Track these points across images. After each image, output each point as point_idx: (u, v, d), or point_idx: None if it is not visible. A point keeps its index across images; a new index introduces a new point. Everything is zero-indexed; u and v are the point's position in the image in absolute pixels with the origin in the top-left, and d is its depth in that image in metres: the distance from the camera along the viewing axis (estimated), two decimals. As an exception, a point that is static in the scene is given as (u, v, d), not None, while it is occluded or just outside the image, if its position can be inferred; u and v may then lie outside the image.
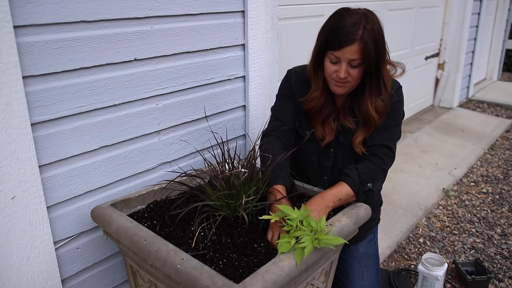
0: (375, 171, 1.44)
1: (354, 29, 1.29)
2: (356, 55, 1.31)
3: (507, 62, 6.97)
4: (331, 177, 1.58)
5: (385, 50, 1.38)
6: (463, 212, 2.81)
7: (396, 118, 1.50)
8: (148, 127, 1.55)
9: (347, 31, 1.30)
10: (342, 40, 1.30)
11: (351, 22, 1.30)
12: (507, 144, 4.04)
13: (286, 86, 1.60)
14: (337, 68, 1.36)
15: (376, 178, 1.44)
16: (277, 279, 1.00)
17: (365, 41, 1.29)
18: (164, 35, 1.50)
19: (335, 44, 1.32)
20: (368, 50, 1.30)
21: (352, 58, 1.32)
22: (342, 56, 1.33)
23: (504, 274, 2.19)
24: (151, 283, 1.24)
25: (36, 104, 1.22)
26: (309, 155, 1.59)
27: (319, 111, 1.49)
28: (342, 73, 1.34)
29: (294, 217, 1.15)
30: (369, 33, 1.30)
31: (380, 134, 1.48)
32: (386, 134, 1.49)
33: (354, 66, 1.34)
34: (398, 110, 1.51)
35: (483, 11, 5.01)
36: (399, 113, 1.52)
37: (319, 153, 1.57)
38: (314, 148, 1.56)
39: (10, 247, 1.21)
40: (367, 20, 1.32)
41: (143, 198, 1.44)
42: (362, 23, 1.30)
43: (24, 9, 1.14)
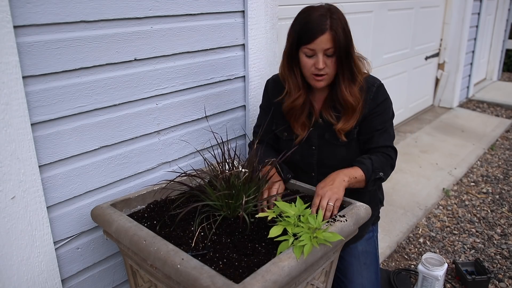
0: (385, 164, 1.51)
1: (322, 20, 1.36)
2: (329, 43, 1.37)
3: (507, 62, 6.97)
4: (319, 173, 1.61)
5: (352, 39, 1.44)
6: (463, 212, 2.81)
7: (389, 117, 1.56)
8: (148, 127, 1.55)
9: (317, 23, 1.36)
10: (313, 32, 1.36)
11: (318, 15, 1.37)
12: (507, 144, 4.04)
13: (264, 97, 1.70)
14: (314, 61, 1.41)
15: (386, 170, 1.51)
16: (277, 279, 1.00)
17: (335, 29, 1.36)
18: (164, 35, 1.50)
19: (308, 37, 1.38)
20: (338, 37, 1.36)
21: (326, 47, 1.37)
22: (316, 47, 1.38)
23: (504, 274, 2.19)
24: (151, 283, 1.24)
25: (36, 104, 1.22)
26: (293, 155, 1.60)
27: (295, 112, 1.53)
28: (320, 63, 1.39)
29: (291, 213, 1.16)
30: (336, 22, 1.37)
31: (382, 136, 1.53)
32: (386, 135, 1.55)
33: (329, 55, 1.39)
34: (389, 108, 1.55)
35: (483, 11, 5.01)
36: (390, 110, 1.57)
37: (301, 152, 1.60)
38: (299, 148, 1.59)
39: (10, 247, 1.21)
40: (331, 11, 1.39)
41: (143, 198, 1.44)
42: (328, 14, 1.37)
43: (24, 9, 1.14)
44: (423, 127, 4.29)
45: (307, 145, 1.59)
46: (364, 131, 1.54)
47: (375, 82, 1.53)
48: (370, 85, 1.51)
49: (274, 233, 1.12)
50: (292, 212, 1.16)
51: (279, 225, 1.14)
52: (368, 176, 1.45)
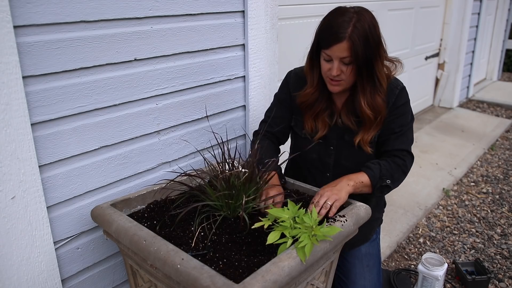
0: (396, 170, 1.47)
1: (343, 28, 1.31)
2: (346, 53, 1.33)
3: (507, 62, 6.97)
4: (334, 173, 1.59)
5: (380, 47, 1.39)
6: (463, 212, 2.81)
7: (408, 120, 1.52)
8: (148, 127, 1.55)
9: (336, 30, 1.32)
10: (330, 39, 1.33)
11: (341, 21, 1.33)
12: (507, 144, 4.04)
13: (283, 89, 1.65)
14: (330, 66, 1.39)
15: (396, 177, 1.47)
16: (277, 279, 1.00)
17: (353, 39, 1.31)
18: (164, 35, 1.50)
19: (326, 43, 1.36)
20: (356, 47, 1.31)
21: (342, 56, 1.34)
22: (332, 54, 1.35)
23: (504, 274, 2.19)
24: (151, 283, 1.24)
25: (36, 104, 1.22)
26: (309, 153, 1.60)
27: (310, 106, 1.52)
28: (334, 71, 1.37)
29: (286, 217, 1.15)
30: (358, 31, 1.31)
31: (398, 139, 1.50)
32: (404, 138, 1.51)
33: (346, 63, 1.36)
34: (409, 112, 1.52)
35: (483, 11, 5.01)
36: (410, 114, 1.53)
37: (319, 151, 1.58)
38: (314, 147, 1.57)
39: (10, 247, 1.21)
40: (358, 18, 1.33)
41: (143, 198, 1.44)
42: (352, 21, 1.32)
43: (24, 9, 1.14)
44: (423, 127, 4.29)
45: (325, 145, 1.57)
46: (381, 133, 1.51)
47: (398, 85, 1.49)
48: (393, 88, 1.48)
49: (272, 239, 1.11)
50: (286, 216, 1.16)
51: (276, 230, 1.13)
52: (374, 183, 1.42)
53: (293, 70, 1.65)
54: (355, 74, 1.39)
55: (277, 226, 1.15)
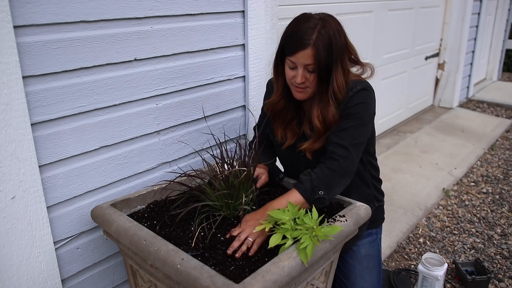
0: (330, 177, 1.34)
1: (308, 34, 1.29)
2: (310, 60, 1.30)
3: (507, 62, 6.97)
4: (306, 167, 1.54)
5: (343, 54, 1.34)
6: (463, 212, 2.81)
7: (356, 119, 1.39)
8: (148, 127, 1.55)
9: (300, 36, 1.30)
10: (295, 45, 1.30)
11: (305, 27, 1.30)
12: (507, 144, 4.04)
13: (264, 98, 1.66)
14: (294, 74, 1.35)
15: (332, 184, 1.34)
16: (277, 279, 1.00)
17: (318, 45, 1.28)
18: (164, 35, 1.50)
19: (290, 50, 1.33)
20: (319, 55, 1.28)
21: (306, 63, 1.31)
22: (297, 61, 1.32)
23: (504, 274, 2.19)
24: (151, 283, 1.24)
25: (36, 104, 1.22)
26: (284, 160, 1.63)
27: (278, 115, 1.50)
28: (299, 78, 1.33)
29: (286, 219, 1.15)
30: (323, 38, 1.28)
31: (336, 134, 1.39)
32: (344, 134, 1.38)
33: (310, 71, 1.33)
34: (359, 112, 1.39)
35: (483, 11, 5.01)
36: (361, 115, 1.40)
37: (291, 158, 1.58)
38: (286, 155, 1.58)
39: (10, 247, 1.21)
40: (323, 24, 1.30)
41: (143, 198, 1.44)
42: (317, 28, 1.29)
43: (24, 9, 1.14)
44: (423, 127, 4.29)
45: (294, 152, 1.53)
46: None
47: (354, 87, 1.39)
48: (348, 91, 1.39)
49: (274, 242, 1.11)
50: (287, 218, 1.16)
51: (278, 233, 1.13)
52: (307, 198, 1.31)
53: (270, 79, 1.61)
54: (318, 82, 1.35)
55: (278, 229, 1.15)
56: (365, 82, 1.44)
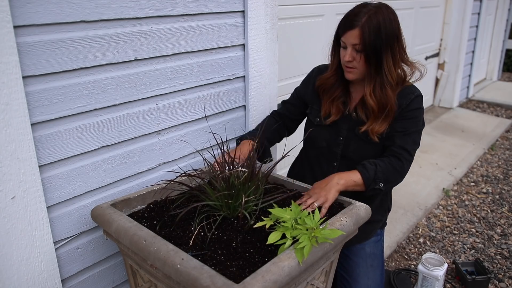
0: (391, 173, 1.48)
1: (359, 16, 1.39)
2: (357, 40, 1.40)
3: (507, 62, 6.97)
4: (341, 164, 1.62)
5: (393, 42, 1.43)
6: (463, 212, 2.81)
7: (417, 124, 1.53)
8: (148, 127, 1.55)
9: (352, 18, 1.41)
10: (346, 25, 1.42)
11: (358, 11, 1.41)
12: (507, 144, 4.04)
13: (304, 82, 1.74)
14: (344, 53, 1.46)
15: (391, 180, 1.49)
16: (277, 279, 1.00)
17: (364, 28, 1.38)
18: (164, 35, 1.50)
19: (341, 30, 1.45)
20: (365, 36, 1.38)
21: (353, 42, 1.41)
22: (346, 41, 1.43)
23: (504, 274, 2.19)
24: (151, 283, 1.24)
25: (36, 104, 1.22)
26: (319, 141, 1.66)
27: (327, 90, 1.60)
28: (347, 56, 1.44)
29: (287, 218, 1.16)
30: (371, 22, 1.38)
31: (401, 138, 1.51)
32: (407, 138, 1.51)
33: (358, 50, 1.42)
34: (418, 117, 1.53)
35: (483, 11, 5.01)
36: (419, 120, 1.54)
37: (329, 140, 1.62)
38: (324, 135, 1.63)
39: (10, 247, 1.21)
40: (376, 11, 1.40)
41: (143, 198, 1.44)
42: (369, 13, 1.39)
43: (24, 9, 1.14)
44: (423, 127, 4.29)
45: (335, 134, 1.61)
46: (388, 130, 1.52)
47: (415, 91, 1.53)
48: (409, 93, 1.51)
49: (272, 239, 1.11)
50: (288, 216, 1.16)
51: (277, 231, 1.14)
52: (367, 185, 1.45)
53: (317, 66, 1.74)
54: (365, 63, 1.45)
55: (279, 227, 1.15)
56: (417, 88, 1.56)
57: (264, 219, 1.21)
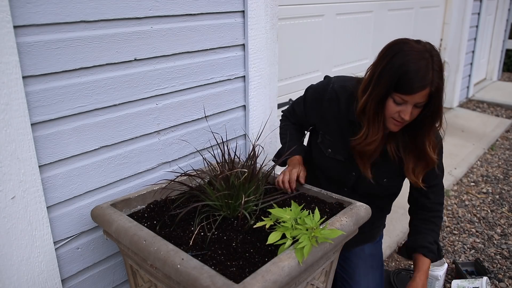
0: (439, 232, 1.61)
1: (426, 73, 1.24)
2: (425, 98, 1.27)
3: (507, 62, 6.97)
4: (352, 190, 1.57)
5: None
6: (463, 212, 2.81)
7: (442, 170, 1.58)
8: (148, 127, 1.55)
9: (419, 77, 1.23)
10: (414, 86, 1.24)
11: (422, 66, 1.24)
12: (507, 144, 4.04)
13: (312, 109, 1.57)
14: (400, 109, 1.29)
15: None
16: (277, 279, 1.00)
17: (435, 84, 1.25)
18: (164, 35, 1.50)
19: (406, 89, 1.25)
20: (436, 93, 1.26)
21: (420, 101, 1.28)
22: (410, 100, 1.27)
23: (504, 274, 2.19)
24: (151, 283, 1.24)
25: (36, 104, 1.22)
26: (329, 170, 1.58)
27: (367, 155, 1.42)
28: (408, 115, 1.29)
29: (287, 218, 1.15)
30: (438, 74, 1.26)
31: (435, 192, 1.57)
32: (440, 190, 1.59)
33: (419, 107, 1.30)
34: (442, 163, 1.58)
35: (483, 11, 5.01)
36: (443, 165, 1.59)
37: (339, 171, 1.56)
38: (335, 167, 1.55)
39: (10, 247, 1.21)
40: (433, 58, 1.26)
41: (143, 198, 1.44)
42: (430, 64, 1.25)
43: (24, 9, 1.14)
44: (423, 127, 4.29)
45: (347, 169, 1.52)
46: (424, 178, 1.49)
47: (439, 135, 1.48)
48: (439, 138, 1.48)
49: (272, 239, 1.11)
50: (288, 217, 1.16)
51: (277, 231, 1.14)
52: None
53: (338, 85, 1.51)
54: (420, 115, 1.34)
55: (279, 227, 1.15)
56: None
57: (264, 219, 1.21)
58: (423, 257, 1.53)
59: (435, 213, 1.59)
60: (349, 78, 1.53)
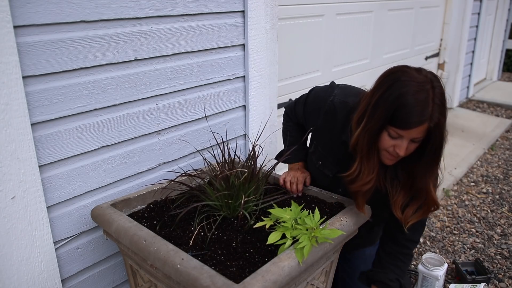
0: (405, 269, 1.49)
1: (424, 108, 1.12)
2: (422, 133, 1.16)
3: (507, 62, 6.97)
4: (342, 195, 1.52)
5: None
6: (463, 212, 2.81)
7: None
8: (148, 127, 1.55)
9: (417, 112, 1.12)
10: (410, 121, 1.13)
11: (421, 99, 1.12)
12: (507, 144, 4.04)
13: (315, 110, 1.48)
14: (395, 143, 1.19)
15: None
16: (277, 279, 1.00)
17: (435, 119, 1.13)
18: (164, 35, 1.50)
19: (402, 124, 1.14)
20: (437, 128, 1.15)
21: (416, 137, 1.17)
22: (406, 135, 1.16)
23: (504, 274, 2.19)
24: (151, 283, 1.24)
25: (36, 104, 1.22)
26: (318, 180, 1.57)
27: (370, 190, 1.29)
28: (403, 151, 1.19)
29: (287, 218, 1.15)
30: (438, 108, 1.13)
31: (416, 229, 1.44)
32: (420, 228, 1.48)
33: (415, 142, 1.20)
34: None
35: (483, 11, 5.01)
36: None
37: (327, 186, 1.54)
38: (323, 180, 1.54)
39: (10, 247, 1.21)
40: (434, 90, 1.14)
41: (143, 198, 1.44)
42: (430, 96, 1.13)
43: (24, 9, 1.14)
44: (423, 127, 4.28)
45: (334, 184, 1.50)
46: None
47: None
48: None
49: (272, 239, 1.12)
50: (288, 217, 1.16)
51: (278, 231, 1.14)
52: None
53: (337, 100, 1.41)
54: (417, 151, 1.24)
55: (279, 227, 1.15)
56: None
57: (264, 219, 1.21)
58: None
59: (405, 250, 1.47)
60: (354, 93, 1.41)
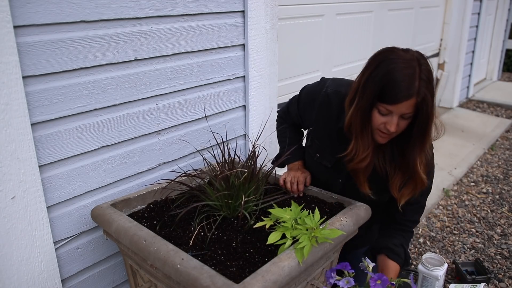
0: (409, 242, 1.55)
1: (411, 82, 1.16)
2: (411, 109, 1.19)
3: (507, 62, 6.97)
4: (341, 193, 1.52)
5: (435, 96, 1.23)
6: (463, 212, 2.81)
7: (429, 190, 1.46)
8: (148, 127, 1.55)
9: (404, 86, 1.16)
10: (398, 96, 1.17)
11: (407, 74, 1.17)
12: (507, 144, 4.04)
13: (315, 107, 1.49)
14: (386, 120, 1.23)
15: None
16: (277, 279, 1.00)
17: (422, 94, 1.17)
18: (164, 35, 1.50)
19: (390, 99, 1.18)
20: (423, 105, 1.18)
21: (406, 112, 1.20)
22: (395, 110, 1.20)
23: (504, 274, 2.19)
24: (151, 283, 1.24)
25: (36, 104, 1.22)
26: (317, 174, 1.57)
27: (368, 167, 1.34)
28: (393, 127, 1.22)
29: (287, 218, 1.15)
30: (425, 84, 1.18)
31: (414, 209, 1.49)
32: (420, 209, 1.51)
33: (405, 118, 1.23)
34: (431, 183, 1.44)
35: (483, 11, 5.01)
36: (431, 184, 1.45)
37: (327, 177, 1.54)
38: (322, 172, 1.54)
39: (10, 247, 1.21)
40: (421, 67, 1.19)
41: (143, 198, 1.44)
42: (417, 73, 1.17)
43: (24, 9, 1.14)
44: (423, 127, 4.28)
45: (334, 175, 1.50)
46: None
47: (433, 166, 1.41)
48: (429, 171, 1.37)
49: (272, 239, 1.12)
50: (288, 217, 1.16)
51: (278, 231, 1.14)
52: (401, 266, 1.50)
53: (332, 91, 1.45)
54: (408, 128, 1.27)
55: (279, 227, 1.15)
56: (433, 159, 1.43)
57: (264, 219, 1.21)
58: (387, 259, 1.44)
59: (405, 227, 1.51)
60: (345, 83, 1.45)
